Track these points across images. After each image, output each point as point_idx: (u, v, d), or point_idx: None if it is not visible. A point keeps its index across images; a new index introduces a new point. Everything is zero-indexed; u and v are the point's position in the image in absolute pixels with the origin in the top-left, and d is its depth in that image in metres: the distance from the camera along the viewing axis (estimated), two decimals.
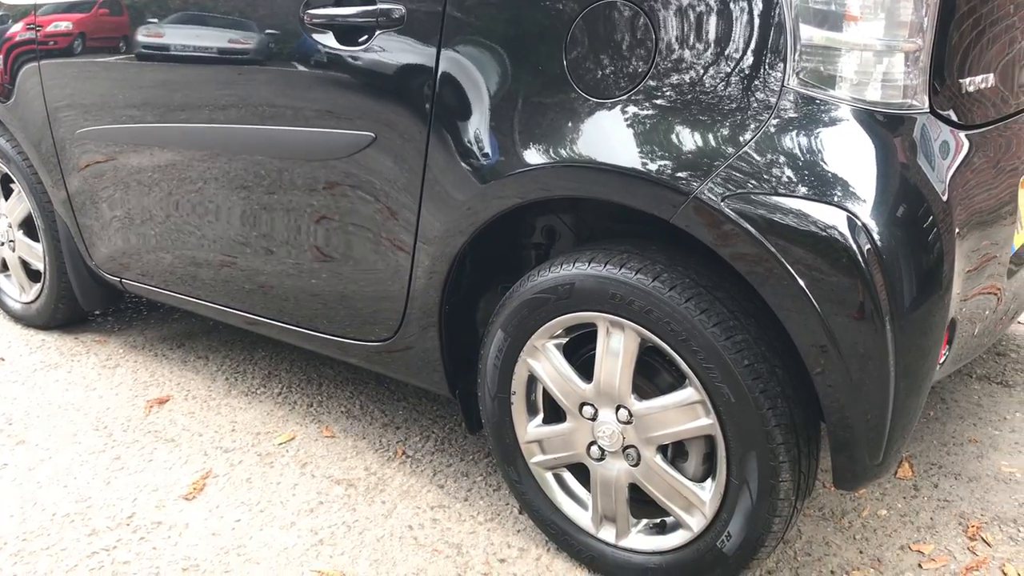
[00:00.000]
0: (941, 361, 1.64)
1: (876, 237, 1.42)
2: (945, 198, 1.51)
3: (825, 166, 1.45)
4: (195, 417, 2.57)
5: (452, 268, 1.88)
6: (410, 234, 1.91)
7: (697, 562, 1.73)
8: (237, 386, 2.76)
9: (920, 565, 1.88)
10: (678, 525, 1.76)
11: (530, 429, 1.90)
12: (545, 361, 1.81)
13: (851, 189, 1.44)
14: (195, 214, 2.39)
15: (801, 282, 1.44)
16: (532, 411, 1.91)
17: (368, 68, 1.88)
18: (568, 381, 1.79)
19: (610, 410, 1.75)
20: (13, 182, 3.03)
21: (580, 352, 1.82)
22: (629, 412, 1.72)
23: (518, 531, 2.03)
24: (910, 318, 1.47)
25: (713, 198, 1.48)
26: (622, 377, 1.71)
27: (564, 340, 1.82)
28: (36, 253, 3.03)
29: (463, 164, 1.77)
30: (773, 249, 1.45)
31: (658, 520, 1.83)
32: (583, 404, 1.78)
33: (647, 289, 1.61)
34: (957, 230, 1.53)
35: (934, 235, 1.49)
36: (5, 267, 3.26)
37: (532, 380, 1.88)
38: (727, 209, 1.47)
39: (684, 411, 1.66)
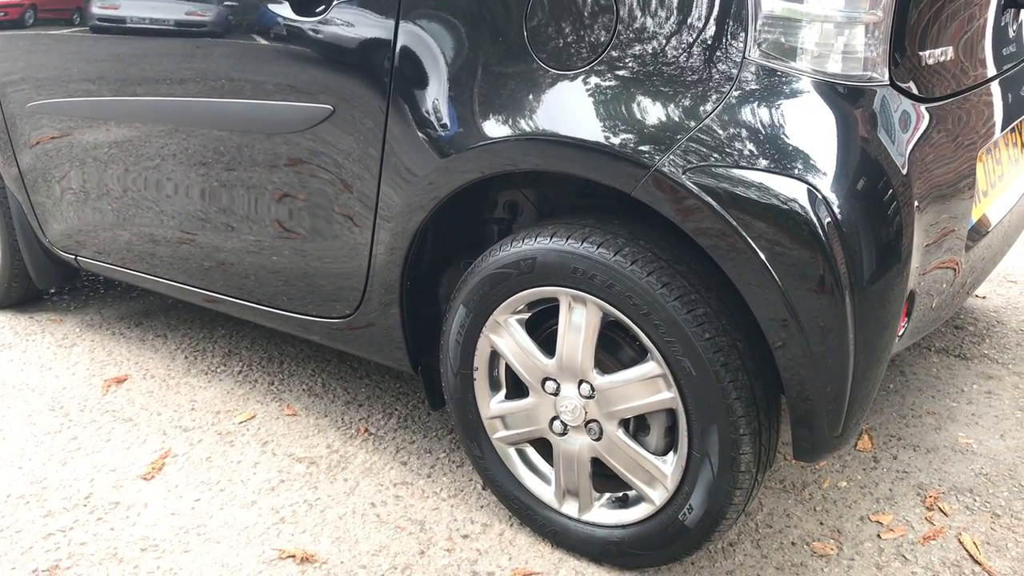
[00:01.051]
0: (900, 334, 1.65)
1: (836, 210, 1.41)
2: (905, 171, 1.52)
3: (786, 139, 1.44)
4: (154, 396, 2.53)
5: (413, 244, 1.86)
6: (370, 209, 1.89)
7: (659, 535, 1.73)
8: (197, 364, 2.72)
9: (879, 535, 1.90)
10: (640, 499, 1.76)
11: (493, 405, 1.89)
12: (507, 336, 1.80)
13: (812, 162, 1.43)
14: (152, 189, 2.34)
15: (762, 255, 1.44)
16: (495, 387, 1.90)
17: (325, 39, 1.85)
18: (530, 356, 1.78)
19: (572, 385, 1.74)
20: None
21: (543, 327, 1.81)
22: (591, 386, 1.71)
23: (481, 507, 2.03)
24: (869, 291, 1.47)
25: (674, 171, 1.47)
26: (584, 352, 1.70)
27: (527, 315, 1.80)
28: None
29: (423, 137, 1.75)
30: (734, 223, 1.44)
31: (620, 494, 1.83)
32: (545, 379, 1.78)
33: (609, 263, 1.60)
34: (916, 203, 1.53)
35: (894, 208, 1.49)
36: None
37: (495, 356, 1.87)
38: (688, 182, 1.46)
39: (645, 385, 1.65)
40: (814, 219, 1.41)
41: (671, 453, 1.70)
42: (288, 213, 2.05)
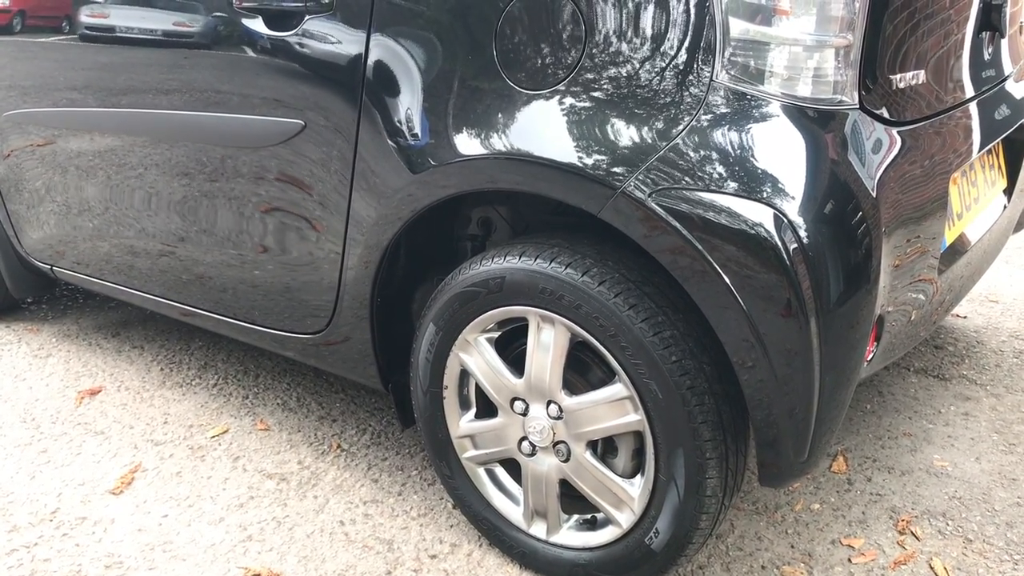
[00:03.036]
0: (869, 358, 1.64)
1: (803, 235, 1.40)
2: (874, 195, 1.51)
3: (754, 162, 1.43)
4: (127, 409, 2.51)
5: (384, 259, 1.85)
6: (341, 223, 1.87)
7: (626, 558, 1.72)
8: (172, 377, 2.70)
9: (850, 559, 1.89)
10: (608, 521, 1.75)
11: (462, 424, 1.88)
12: (477, 355, 1.79)
13: (779, 186, 1.42)
14: (128, 202, 2.33)
15: (727, 279, 1.43)
16: (464, 406, 1.89)
17: (297, 54, 1.84)
18: (499, 375, 1.76)
19: (541, 405, 1.73)
20: None
21: (513, 347, 1.80)
22: (559, 407, 1.70)
23: (451, 526, 2.01)
24: (836, 313, 1.46)
25: (640, 194, 1.46)
26: (552, 372, 1.69)
27: (496, 334, 1.79)
28: None
29: (395, 152, 1.74)
30: (699, 246, 1.43)
31: (589, 516, 1.81)
32: (514, 399, 1.76)
33: (576, 284, 1.59)
34: (884, 227, 1.52)
35: (862, 232, 1.48)
36: None
37: (464, 374, 1.85)
38: (654, 204, 1.45)
39: (613, 407, 1.64)
40: (779, 244, 1.40)
41: (638, 476, 1.69)
42: (261, 227, 2.04)
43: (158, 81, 2.10)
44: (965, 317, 3.09)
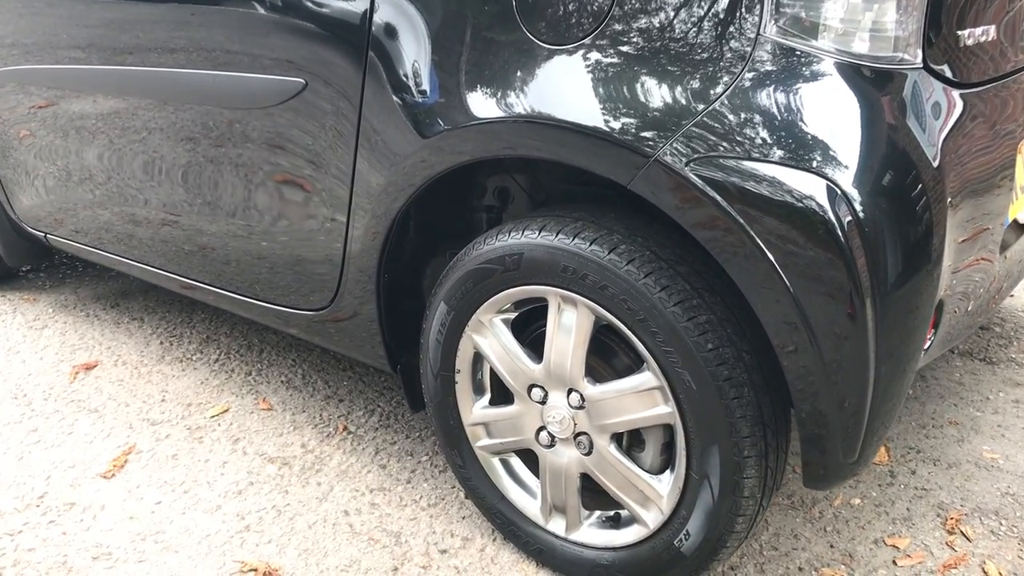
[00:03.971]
0: (926, 347, 1.48)
1: (858, 208, 1.24)
2: (936, 164, 1.34)
3: (803, 127, 1.27)
4: (123, 385, 2.39)
5: (391, 230, 1.70)
6: (345, 191, 1.72)
7: (653, 561, 1.58)
8: (172, 351, 2.57)
9: (895, 561, 1.74)
10: (633, 520, 1.61)
11: (475, 411, 1.74)
12: (492, 338, 1.64)
13: (832, 154, 1.26)
14: (122, 167, 2.18)
15: (772, 257, 1.27)
16: (478, 391, 1.74)
17: (295, 4, 1.68)
18: (516, 360, 1.62)
19: (561, 393, 1.58)
20: None
21: (531, 329, 1.66)
22: (581, 396, 1.55)
23: (463, 517, 1.88)
24: (894, 296, 1.30)
25: (676, 162, 1.30)
26: (574, 358, 1.54)
27: (513, 315, 1.64)
28: None
29: (402, 116, 1.58)
30: (741, 220, 1.27)
31: (612, 513, 1.67)
32: (532, 386, 1.61)
33: (602, 262, 1.44)
34: (949, 199, 1.36)
35: (923, 205, 1.32)
36: None
37: (478, 358, 1.71)
38: (691, 174, 1.29)
39: (641, 397, 1.49)
40: (832, 218, 1.23)
41: (667, 472, 1.54)
42: (260, 194, 1.89)
43: (141, 38, 1.95)
44: (1012, 295, 2.91)
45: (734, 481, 1.43)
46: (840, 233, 1.24)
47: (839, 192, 1.24)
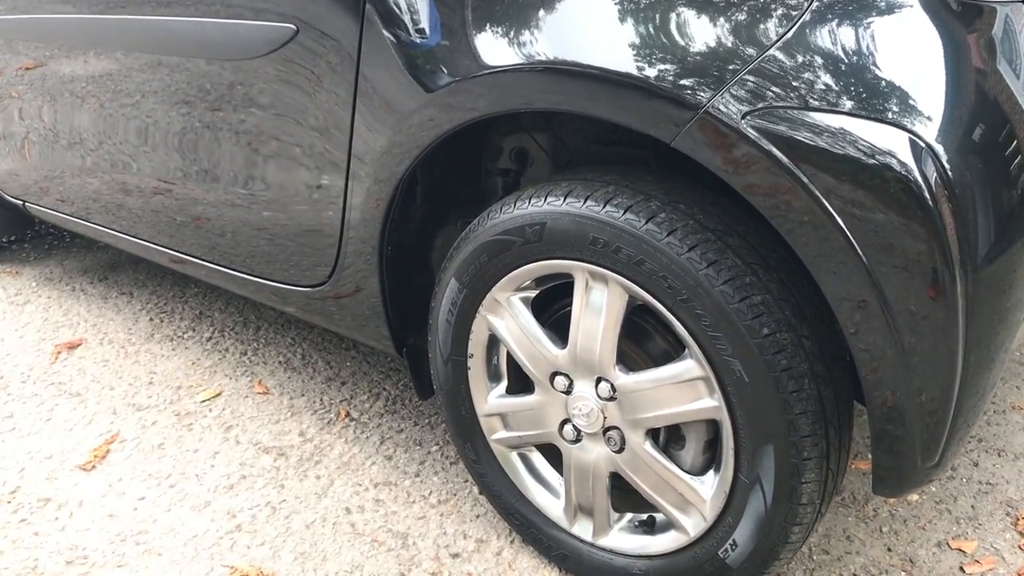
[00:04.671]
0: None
1: (946, 165, 1.04)
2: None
3: (877, 72, 1.06)
4: (108, 366, 2.20)
5: (396, 197, 1.50)
6: (343, 153, 1.52)
7: (693, 572, 1.39)
8: (162, 328, 2.39)
9: (962, 568, 1.55)
10: (670, 525, 1.42)
11: (491, 400, 1.54)
12: (509, 318, 1.44)
13: (912, 103, 1.05)
14: (100, 126, 1.98)
15: (842, 223, 1.07)
16: (494, 378, 1.55)
17: None
18: (537, 344, 1.42)
19: (589, 383, 1.39)
20: None
21: (553, 308, 1.46)
22: (612, 386, 1.36)
23: (477, 516, 1.69)
24: (986, 271, 1.10)
25: (729, 113, 1.09)
26: (604, 343, 1.34)
27: (533, 293, 1.44)
28: None
29: (404, 65, 1.37)
30: (806, 179, 1.07)
31: (645, 516, 1.49)
32: (555, 374, 1.42)
33: (638, 233, 1.23)
34: None
35: (1019, 165, 1.11)
36: None
37: (493, 341, 1.51)
38: (747, 128, 1.08)
39: (681, 389, 1.29)
40: (917, 176, 1.03)
41: (711, 472, 1.35)
42: (251, 156, 1.69)
43: None
44: None
45: (791, 486, 1.24)
46: (926, 195, 1.03)
47: (923, 147, 1.04)
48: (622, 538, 1.48)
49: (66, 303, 2.54)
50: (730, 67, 1.10)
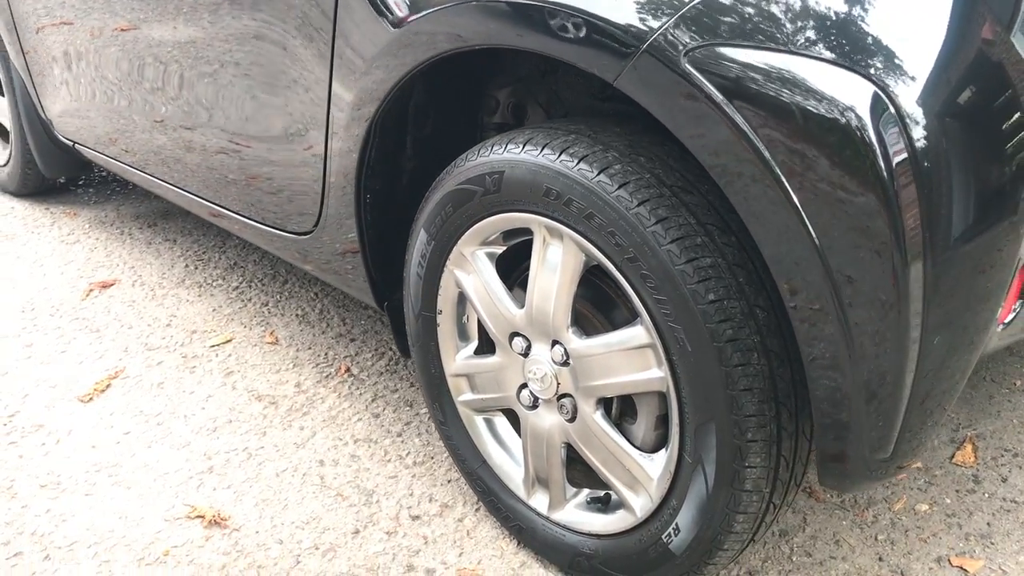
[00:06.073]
0: (1007, 320, 1.14)
1: (916, 130, 0.91)
2: None
3: (849, 14, 0.94)
4: (134, 307, 2.24)
5: (369, 142, 1.45)
6: (323, 88, 1.48)
7: (639, 556, 1.30)
8: (194, 275, 2.42)
9: None
10: (621, 504, 1.33)
11: (458, 359, 1.48)
12: (475, 274, 1.38)
13: (888, 51, 0.92)
14: (125, 69, 2.01)
15: (788, 184, 0.95)
16: (464, 337, 1.49)
17: None
18: (497, 302, 1.35)
19: (545, 346, 1.31)
20: None
21: (524, 267, 1.39)
22: (565, 351, 1.28)
23: (449, 481, 1.64)
24: (959, 252, 0.97)
25: (671, 51, 1.00)
26: (558, 304, 1.26)
27: (500, 249, 1.37)
28: (4, 109, 2.73)
29: (371, 4, 1.32)
30: (753, 134, 0.96)
31: (602, 494, 1.40)
32: (514, 335, 1.35)
33: (589, 185, 1.15)
34: None
35: (1011, 130, 0.97)
36: None
37: (463, 298, 1.45)
38: (690, 67, 0.98)
39: (630, 356, 1.20)
40: (874, 140, 0.90)
41: (663, 451, 1.25)
42: (233, 95, 1.67)
43: None
44: None
45: (733, 470, 1.13)
46: (881, 164, 0.91)
47: (890, 105, 0.91)
48: (576, 515, 1.40)
49: (112, 245, 2.60)
50: None
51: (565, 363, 1.28)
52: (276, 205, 1.74)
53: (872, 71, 0.91)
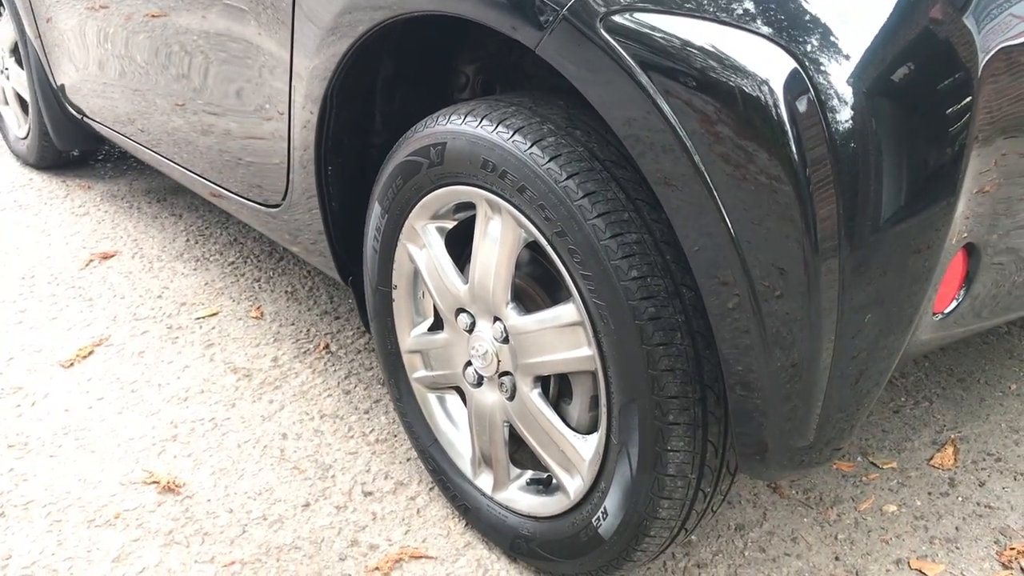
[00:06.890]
0: (949, 308, 1.09)
1: (836, 111, 0.86)
2: (982, 59, 0.93)
3: None
4: (129, 278, 2.27)
5: (326, 114, 1.44)
6: (285, 54, 1.47)
7: (571, 539, 1.27)
8: (193, 249, 2.44)
9: None
10: (559, 487, 1.30)
11: (412, 335, 1.47)
12: (425, 248, 1.37)
13: (823, 27, 0.89)
14: (122, 45, 2.03)
15: (699, 161, 0.92)
16: (419, 313, 1.48)
17: None
18: (444, 277, 1.33)
19: (487, 322, 1.29)
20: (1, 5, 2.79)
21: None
22: (504, 327, 1.26)
23: (408, 459, 1.63)
24: (888, 233, 0.92)
25: (589, 17, 0.97)
26: (497, 279, 1.24)
27: (451, 224, 1.36)
28: (23, 81, 2.79)
29: None
30: (664, 105, 0.93)
31: (545, 476, 1.37)
32: (460, 310, 1.33)
33: (522, 157, 1.13)
34: (986, 107, 0.95)
35: (954, 113, 0.92)
36: (8, 100, 3.05)
37: (418, 273, 1.44)
38: (602, 31, 0.95)
39: (561, 334, 1.18)
40: (785, 119, 0.86)
41: (597, 433, 1.22)
42: (205, 64, 1.68)
43: None
44: None
45: (655, 453, 1.10)
46: (793, 146, 0.87)
47: (809, 82, 0.87)
48: (518, 496, 1.37)
49: (119, 218, 2.64)
50: None
51: (505, 340, 1.26)
52: (252, 177, 1.75)
53: (795, 45, 0.87)
